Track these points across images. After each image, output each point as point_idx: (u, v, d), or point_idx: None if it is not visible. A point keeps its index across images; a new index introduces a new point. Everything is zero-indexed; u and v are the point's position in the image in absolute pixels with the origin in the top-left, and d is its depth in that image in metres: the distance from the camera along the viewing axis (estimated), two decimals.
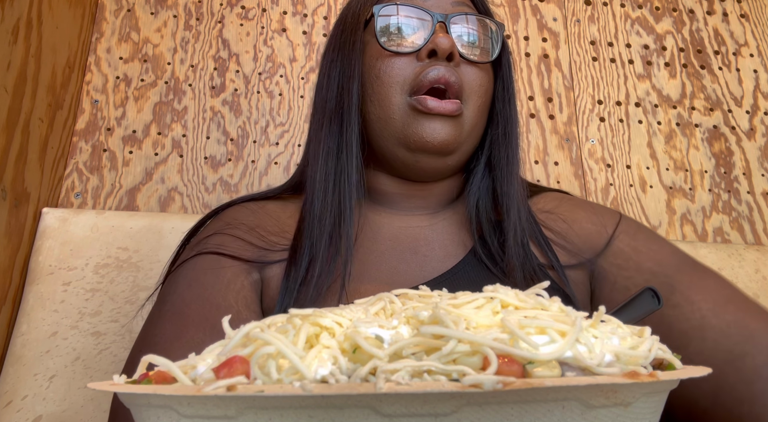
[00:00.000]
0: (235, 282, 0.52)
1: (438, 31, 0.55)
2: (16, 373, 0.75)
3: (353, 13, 0.60)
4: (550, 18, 1.15)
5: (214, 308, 0.49)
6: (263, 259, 0.55)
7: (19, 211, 0.80)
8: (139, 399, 0.26)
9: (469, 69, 0.57)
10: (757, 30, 1.19)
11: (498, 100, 0.60)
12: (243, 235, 0.56)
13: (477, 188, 0.60)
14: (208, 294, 0.50)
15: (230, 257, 0.53)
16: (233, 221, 0.58)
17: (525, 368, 0.25)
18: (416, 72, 0.55)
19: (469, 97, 0.57)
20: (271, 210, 0.60)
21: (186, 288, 0.51)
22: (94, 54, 1.02)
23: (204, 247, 0.55)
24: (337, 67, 0.59)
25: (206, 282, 0.52)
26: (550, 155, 1.07)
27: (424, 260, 0.57)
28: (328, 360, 0.25)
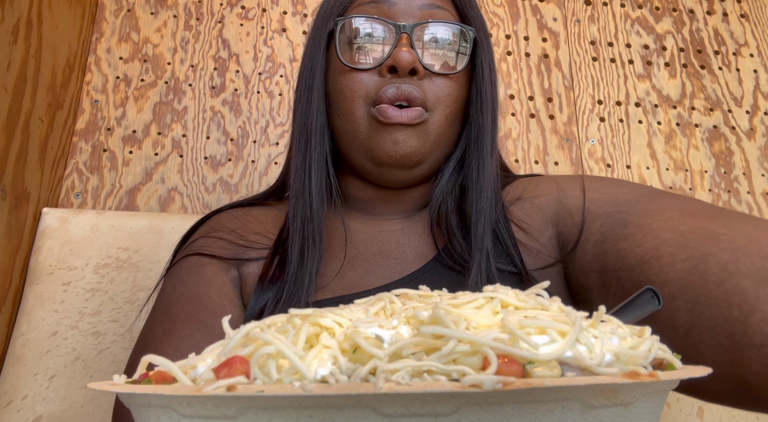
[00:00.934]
0: (215, 279, 0.55)
1: (401, 45, 0.53)
2: (16, 373, 0.75)
3: (318, 25, 0.59)
4: (550, 18, 1.15)
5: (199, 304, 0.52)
6: (241, 256, 0.57)
7: (19, 211, 0.80)
8: (139, 399, 0.26)
9: (435, 80, 0.55)
10: (757, 30, 1.19)
11: (472, 106, 0.58)
12: (223, 236, 0.59)
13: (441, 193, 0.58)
14: (191, 292, 0.53)
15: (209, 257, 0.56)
16: (216, 225, 0.61)
17: (525, 368, 0.25)
18: (377, 87, 0.54)
19: (435, 107, 0.55)
20: (254, 214, 0.63)
21: (172, 289, 0.54)
22: (94, 54, 1.02)
23: (187, 251, 0.58)
24: (304, 80, 0.58)
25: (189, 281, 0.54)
26: (550, 155, 1.07)
27: (394, 262, 0.57)
28: (328, 360, 0.25)
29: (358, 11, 0.56)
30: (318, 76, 0.56)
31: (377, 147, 0.54)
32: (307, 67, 0.58)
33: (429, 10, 0.56)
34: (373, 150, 0.54)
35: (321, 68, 0.57)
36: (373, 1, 0.56)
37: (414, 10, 0.56)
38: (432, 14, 0.56)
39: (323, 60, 0.57)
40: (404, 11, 0.56)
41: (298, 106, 0.58)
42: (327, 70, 0.58)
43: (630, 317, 0.39)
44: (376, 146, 0.54)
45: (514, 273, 0.55)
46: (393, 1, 0.56)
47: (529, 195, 0.59)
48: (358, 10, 0.57)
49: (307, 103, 0.57)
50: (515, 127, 1.07)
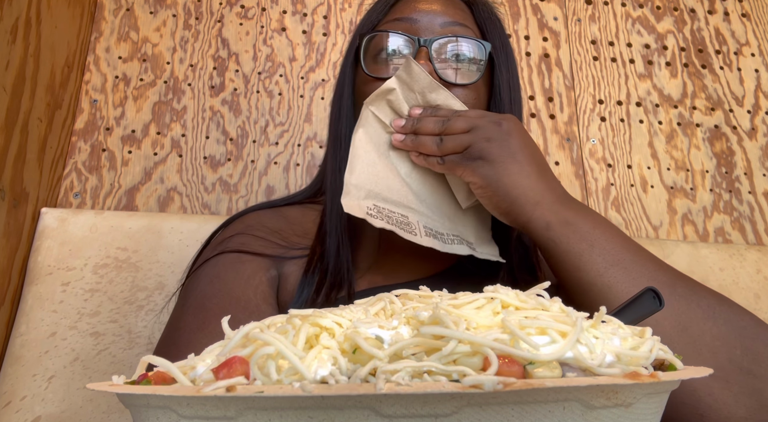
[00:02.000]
0: (254, 278, 0.56)
1: (419, 57, 0.57)
2: (15, 374, 0.75)
3: (351, 41, 0.65)
4: (551, 17, 1.15)
5: (234, 301, 0.53)
6: (283, 255, 0.59)
7: (18, 211, 0.80)
8: (138, 400, 0.26)
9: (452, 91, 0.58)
10: (759, 29, 1.19)
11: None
12: (264, 235, 0.60)
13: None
14: (228, 289, 0.54)
15: (251, 254, 0.57)
16: (255, 223, 0.62)
17: (525, 368, 0.25)
18: None
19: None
20: (292, 215, 0.65)
21: (208, 284, 0.55)
22: (93, 53, 1.02)
23: (226, 246, 0.58)
24: (336, 95, 0.63)
25: (227, 278, 0.55)
26: (550, 155, 1.06)
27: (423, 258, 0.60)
28: (328, 361, 0.25)
29: (384, 27, 0.61)
30: (347, 86, 0.61)
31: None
32: (339, 79, 0.64)
33: (450, 27, 0.60)
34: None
35: (350, 79, 0.62)
36: (398, 19, 0.60)
37: (435, 27, 0.60)
38: (452, 31, 0.60)
39: (351, 72, 0.62)
40: (426, 28, 0.60)
41: (333, 114, 0.63)
42: (354, 81, 0.62)
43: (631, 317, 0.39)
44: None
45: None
46: (416, 18, 0.60)
47: None
48: (385, 26, 0.61)
49: (338, 110, 0.62)
50: None
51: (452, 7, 0.61)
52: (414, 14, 0.60)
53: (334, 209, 0.58)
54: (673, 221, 1.05)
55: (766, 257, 0.97)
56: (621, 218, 1.04)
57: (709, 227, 1.05)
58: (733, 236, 1.05)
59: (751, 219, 1.07)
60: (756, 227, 1.06)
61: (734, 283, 0.93)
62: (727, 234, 1.05)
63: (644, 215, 1.05)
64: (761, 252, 0.97)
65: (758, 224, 1.07)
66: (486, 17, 0.63)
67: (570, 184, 1.05)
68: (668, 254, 0.94)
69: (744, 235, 1.06)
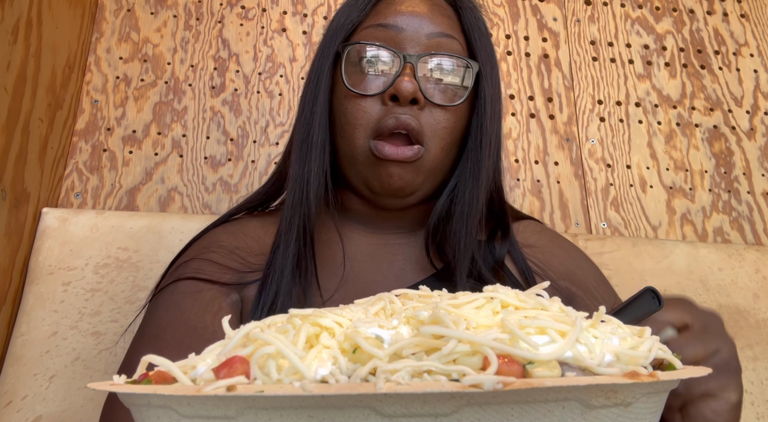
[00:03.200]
0: (213, 304, 0.53)
1: (404, 74, 0.54)
2: (16, 373, 0.75)
3: (327, 42, 0.60)
4: (550, 18, 1.15)
5: (191, 330, 0.51)
6: (242, 280, 0.56)
7: (19, 211, 0.80)
8: (138, 399, 0.26)
9: (434, 111, 0.56)
10: (758, 30, 1.19)
11: (471, 140, 0.58)
12: (221, 259, 0.57)
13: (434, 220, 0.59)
14: (185, 317, 0.52)
15: (208, 281, 0.54)
16: (211, 244, 0.59)
17: (525, 368, 0.25)
18: (380, 115, 0.55)
19: (431, 139, 0.56)
20: (251, 230, 0.61)
21: (164, 312, 0.53)
22: (94, 54, 1.02)
23: (182, 272, 0.56)
24: (309, 97, 0.59)
25: (184, 306, 0.53)
26: (550, 155, 1.06)
27: (401, 272, 0.59)
28: (328, 360, 0.25)
29: (366, 35, 0.57)
30: (323, 93, 0.57)
31: (373, 178, 0.56)
32: (312, 81, 0.59)
33: (437, 39, 0.56)
34: (370, 181, 0.56)
35: (326, 86, 0.58)
36: (381, 25, 0.57)
37: (422, 38, 0.56)
38: (439, 43, 0.56)
39: (329, 78, 0.58)
40: (412, 38, 0.56)
41: (301, 116, 0.59)
42: (333, 89, 0.58)
43: (630, 317, 0.39)
44: (372, 177, 0.56)
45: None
46: (401, 26, 0.56)
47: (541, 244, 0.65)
48: (365, 33, 0.57)
49: (311, 115, 0.58)
50: (515, 127, 1.07)
51: (439, 14, 0.58)
52: (398, 21, 0.56)
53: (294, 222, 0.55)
54: (672, 221, 1.05)
55: (765, 257, 0.97)
56: (620, 218, 1.04)
57: (708, 227, 1.06)
58: (732, 236, 1.06)
59: (750, 219, 1.07)
60: (755, 227, 1.07)
61: (733, 283, 0.94)
62: (726, 234, 1.06)
63: (643, 215, 1.05)
64: (760, 252, 0.98)
65: (757, 224, 1.07)
66: (473, 24, 0.59)
67: (569, 184, 1.05)
68: (667, 254, 0.94)
69: (743, 235, 1.06)
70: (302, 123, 0.58)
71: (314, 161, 0.56)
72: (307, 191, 0.56)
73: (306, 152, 0.57)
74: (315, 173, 0.56)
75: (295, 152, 0.58)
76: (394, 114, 0.54)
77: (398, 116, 0.54)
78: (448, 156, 0.58)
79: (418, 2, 0.58)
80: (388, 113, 0.54)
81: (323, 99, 0.57)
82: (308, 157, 0.56)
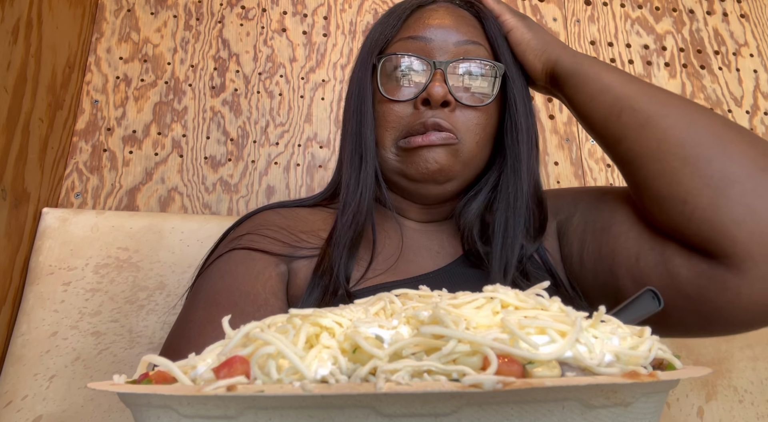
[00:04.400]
0: (264, 273, 0.57)
1: (435, 80, 0.58)
2: (16, 373, 0.75)
3: (364, 55, 0.65)
4: (550, 18, 1.15)
5: (244, 295, 0.54)
6: (292, 254, 0.60)
7: (19, 211, 0.80)
8: (139, 399, 0.26)
9: (465, 112, 0.60)
10: (757, 30, 1.19)
11: (507, 137, 0.63)
12: (273, 234, 0.61)
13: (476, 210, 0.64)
14: (238, 284, 0.55)
15: (260, 251, 0.58)
16: (265, 222, 0.63)
17: (525, 368, 0.25)
18: (410, 119, 0.59)
19: (465, 134, 0.60)
20: (302, 214, 0.66)
21: (218, 279, 0.56)
22: (94, 54, 1.02)
23: (237, 244, 0.60)
24: (354, 105, 0.64)
25: (237, 273, 0.56)
26: (550, 155, 1.06)
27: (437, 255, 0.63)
28: (328, 360, 0.25)
29: (399, 47, 0.62)
30: (367, 103, 0.62)
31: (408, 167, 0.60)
32: (355, 93, 0.64)
33: (464, 47, 0.61)
34: (405, 170, 0.60)
35: (369, 96, 0.62)
36: (412, 38, 0.61)
37: (449, 46, 0.61)
38: (466, 50, 0.61)
39: (370, 88, 0.63)
40: (440, 47, 0.61)
41: (349, 126, 0.64)
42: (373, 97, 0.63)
43: (630, 317, 0.39)
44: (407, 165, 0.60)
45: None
46: (430, 37, 0.61)
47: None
48: (398, 45, 0.62)
49: (358, 125, 0.62)
50: None
51: (464, 24, 0.62)
52: (427, 32, 0.61)
53: (349, 221, 0.59)
54: None
55: None
56: None
57: None
58: None
59: None
60: None
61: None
62: None
63: None
64: None
65: None
66: (496, 32, 0.64)
67: (569, 184, 1.05)
68: None
69: None
70: (351, 132, 0.63)
71: (368, 166, 0.61)
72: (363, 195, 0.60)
73: (360, 159, 0.61)
74: (370, 176, 0.61)
75: (347, 160, 0.63)
76: (423, 118, 0.58)
77: (427, 119, 0.58)
78: (483, 151, 0.62)
79: (445, 14, 0.63)
80: (419, 116, 0.59)
81: (369, 108, 0.62)
82: (363, 163, 0.61)
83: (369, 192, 0.60)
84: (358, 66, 0.66)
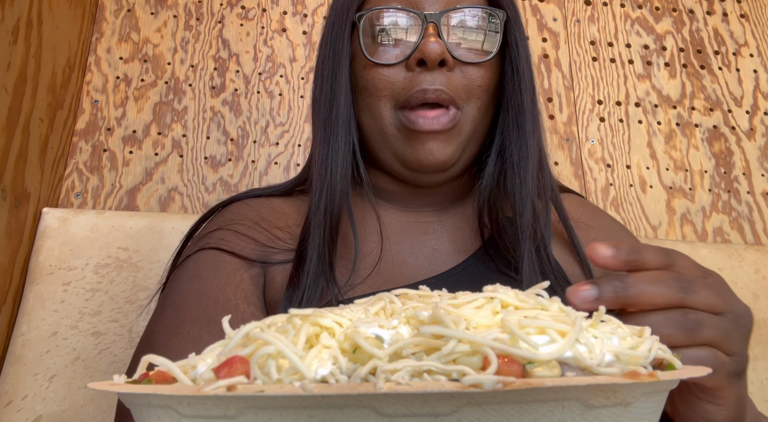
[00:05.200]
0: (234, 276, 0.51)
1: (428, 35, 0.50)
2: (16, 373, 0.75)
3: (337, 13, 0.56)
4: (550, 18, 1.15)
5: (212, 302, 0.49)
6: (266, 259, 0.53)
7: (19, 211, 0.80)
8: (139, 399, 0.26)
9: (466, 70, 0.52)
10: (757, 30, 1.19)
11: (508, 87, 0.55)
12: (245, 230, 0.54)
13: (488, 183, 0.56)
14: (206, 289, 0.50)
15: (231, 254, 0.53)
16: (236, 216, 0.57)
17: (525, 368, 0.25)
18: (405, 84, 0.51)
19: (467, 102, 0.53)
20: (276, 205, 0.59)
21: (186, 284, 0.51)
22: (94, 54, 1.02)
23: (206, 243, 0.54)
24: (327, 73, 0.55)
25: (206, 277, 0.51)
26: (550, 155, 1.06)
27: (432, 253, 0.56)
28: (328, 360, 0.25)
29: (380, 1, 0.53)
30: (343, 67, 0.53)
31: (410, 155, 0.52)
32: (329, 57, 0.55)
33: None
34: (405, 157, 0.53)
35: (346, 60, 0.54)
36: None
37: None
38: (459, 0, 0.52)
39: (348, 50, 0.54)
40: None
41: (320, 96, 0.55)
42: (351, 61, 0.55)
43: None
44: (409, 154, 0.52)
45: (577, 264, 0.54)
46: None
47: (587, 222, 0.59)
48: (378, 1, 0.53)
49: (331, 92, 0.54)
50: None
51: None
52: None
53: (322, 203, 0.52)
54: (672, 221, 1.05)
55: (765, 257, 0.97)
56: (620, 218, 1.04)
57: (707, 227, 1.06)
58: (732, 236, 1.06)
59: (749, 219, 1.07)
60: (754, 227, 1.07)
61: (733, 283, 0.94)
62: (726, 234, 1.06)
63: (643, 215, 1.05)
64: (760, 252, 0.98)
65: (757, 224, 1.07)
66: None
67: (569, 184, 1.05)
68: None
69: (743, 235, 1.06)
70: (323, 102, 0.54)
71: (341, 137, 0.53)
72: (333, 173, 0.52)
73: (331, 130, 0.53)
74: (342, 152, 0.52)
75: (319, 133, 0.54)
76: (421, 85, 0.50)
77: (426, 87, 0.50)
78: (485, 117, 0.55)
79: None
80: (414, 81, 0.51)
81: (345, 73, 0.53)
82: (334, 134, 0.53)
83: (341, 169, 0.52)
84: (330, 27, 0.56)
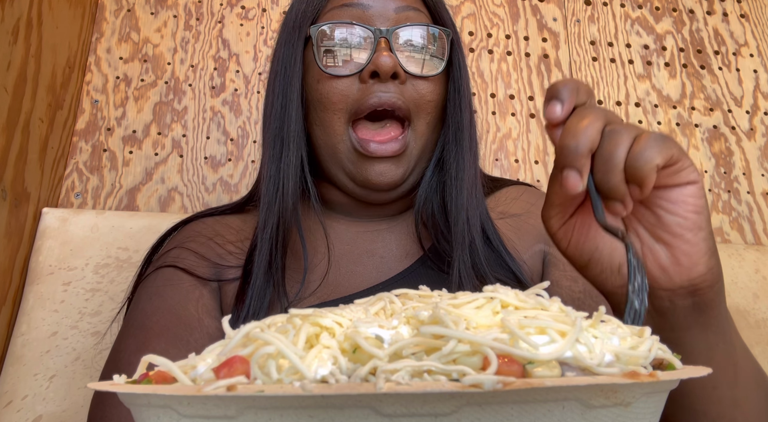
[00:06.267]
0: (194, 292, 0.53)
1: (380, 49, 0.52)
2: (16, 373, 0.75)
3: (290, 28, 0.57)
4: (550, 18, 1.15)
5: (175, 317, 0.51)
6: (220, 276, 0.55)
7: (19, 211, 0.80)
8: (139, 399, 0.26)
9: (417, 84, 0.54)
10: (757, 30, 1.19)
11: (450, 104, 0.58)
12: (199, 248, 0.56)
13: (424, 193, 0.58)
14: (167, 305, 0.52)
15: (185, 271, 0.55)
16: (192, 233, 0.59)
17: (525, 368, 0.25)
18: (358, 95, 0.53)
19: (418, 115, 0.55)
20: (229, 221, 0.61)
21: (147, 302, 0.53)
22: (94, 54, 1.02)
23: (163, 261, 0.56)
24: (279, 88, 0.56)
25: (165, 294, 0.53)
26: (550, 155, 1.07)
27: (381, 261, 0.57)
28: (328, 360, 0.25)
29: (333, 16, 0.55)
30: (295, 81, 0.55)
31: (360, 175, 0.54)
32: (280, 72, 0.57)
33: (404, 13, 0.55)
34: (356, 177, 0.55)
35: (298, 74, 0.56)
36: (346, 5, 0.55)
37: (389, 13, 0.55)
38: (407, 17, 0.55)
39: (300, 65, 0.56)
40: (380, 14, 0.55)
41: (271, 111, 0.56)
42: (303, 76, 0.56)
43: None
44: (359, 173, 0.54)
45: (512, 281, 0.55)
46: (367, 4, 0.55)
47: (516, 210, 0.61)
48: (332, 14, 0.55)
49: (282, 108, 0.55)
50: (515, 127, 1.07)
51: None
52: None
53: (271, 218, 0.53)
54: None
55: (765, 257, 0.97)
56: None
57: None
58: (732, 236, 1.06)
59: (749, 219, 1.07)
60: (754, 227, 1.07)
61: (733, 283, 0.94)
62: (726, 234, 1.06)
63: None
64: (760, 252, 0.98)
65: (757, 224, 1.07)
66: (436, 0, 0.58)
67: None
68: None
69: (743, 235, 1.06)
70: (274, 117, 0.56)
71: (292, 152, 0.54)
72: (285, 188, 0.53)
73: (281, 146, 0.55)
74: (293, 166, 0.54)
75: (269, 148, 0.56)
76: (375, 93, 0.52)
77: (380, 94, 0.52)
78: (433, 134, 0.57)
79: None
80: (368, 91, 0.53)
81: (297, 86, 0.55)
82: (285, 149, 0.54)
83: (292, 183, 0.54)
84: (283, 42, 0.58)
